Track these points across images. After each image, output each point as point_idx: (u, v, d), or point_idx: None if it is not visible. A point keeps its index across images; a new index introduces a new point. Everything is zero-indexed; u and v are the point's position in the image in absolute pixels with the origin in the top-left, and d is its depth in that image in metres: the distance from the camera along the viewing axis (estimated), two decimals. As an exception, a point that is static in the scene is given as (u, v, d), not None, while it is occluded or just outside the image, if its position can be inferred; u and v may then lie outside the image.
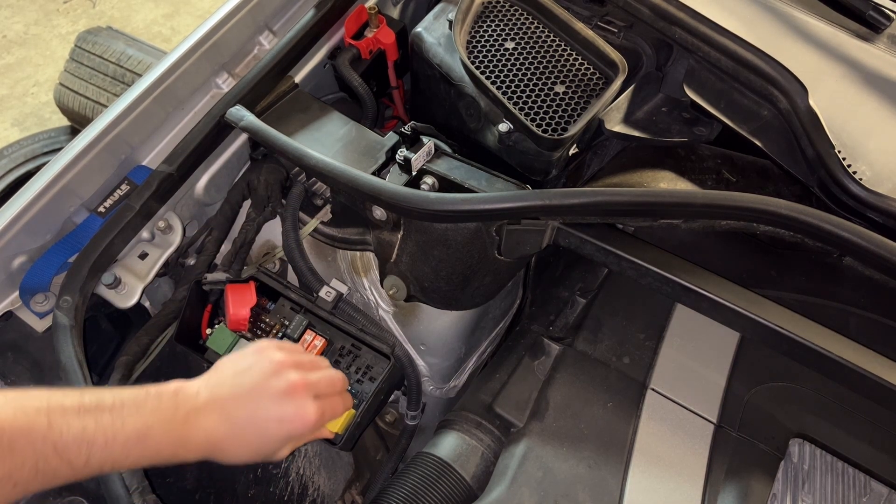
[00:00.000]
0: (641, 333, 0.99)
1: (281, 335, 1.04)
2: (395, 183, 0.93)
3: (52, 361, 0.89)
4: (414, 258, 0.98)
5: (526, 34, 1.02)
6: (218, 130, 1.04)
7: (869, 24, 1.08)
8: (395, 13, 1.31)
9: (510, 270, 1.02)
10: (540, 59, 0.99)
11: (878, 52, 1.04)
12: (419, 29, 1.10)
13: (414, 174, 0.95)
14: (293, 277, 1.13)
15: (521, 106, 0.95)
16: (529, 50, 1.00)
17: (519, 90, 0.96)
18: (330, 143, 1.05)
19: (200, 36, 1.06)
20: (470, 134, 1.06)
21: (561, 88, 0.97)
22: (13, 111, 2.86)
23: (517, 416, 0.92)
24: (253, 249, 1.16)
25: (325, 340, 1.03)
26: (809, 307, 0.94)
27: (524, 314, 1.20)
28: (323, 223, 1.08)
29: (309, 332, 1.04)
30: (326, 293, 1.03)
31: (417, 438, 1.22)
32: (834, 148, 0.91)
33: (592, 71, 0.98)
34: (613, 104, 1.02)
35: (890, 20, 1.08)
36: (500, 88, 0.96)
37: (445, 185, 0.94)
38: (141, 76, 1.09)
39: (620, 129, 1.01)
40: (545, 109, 0.95)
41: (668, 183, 1.01)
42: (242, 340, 1.03)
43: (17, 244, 0.94)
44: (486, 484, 0.88)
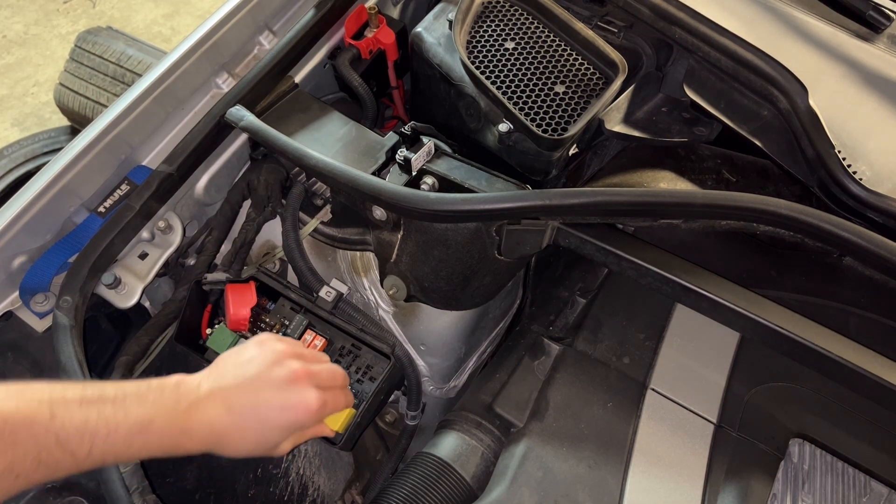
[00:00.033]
0: (641, 333, 0.99)
1: (281, 335, 1.04)
2: (395, 183, 0.93)
3: (52, 361, 0.89)
4: (414, 258, 0.98)
5: (526, 34, 1.02)
6: (218, 130, 1.04)
7: (869, 24, 1.08)
8: (395, 13, 1.31)
9: (510, 270, 1.02)
10: (540, 59, 0.99)
11: (878, 52, 1.04)
12: (419, 29, 1.10)
13: (414, 174, 0.95)
14: (293, 277, 1.13)
15: (521, 106, 0.95)
16: (529, 50, 1.00)
17: (519, 90, 0.96)
18: (330, 143, 1.05)
19: (200, 36, 1.06)
20: (470, 134, 1.06)
21: (561, 88, 0.97)
22: (13, 111, 2.86)
23: (517, 416, 0.92)
24: (253, 249, 1.16)
25: (325, 340, 1.03)
26: (809, 307, 0.94)
27: (524, 314, 1.20)
28: (323, 223, 1.08)
29: (309, 331, 1.04)
30: (326, 293, 1.03)
31: (417, 438, 1.22)
32: (834, 148, 0.91)
33: (592, 71, 0.99)
34: (613, 104, 1.02)
35: (890, 20, 1.08)
36: (500, 88, 0.96)
37: (445, 185, 0.94)
38: (141, 76, 1.09)
39: (620, 129, 1.01)
40: (545, 109, 0.95)
41: (668, 183, 1.01)
42: (242, 340, 1.03)
43: (17, 244, 0.94)
44: (486, 484, 0.88)
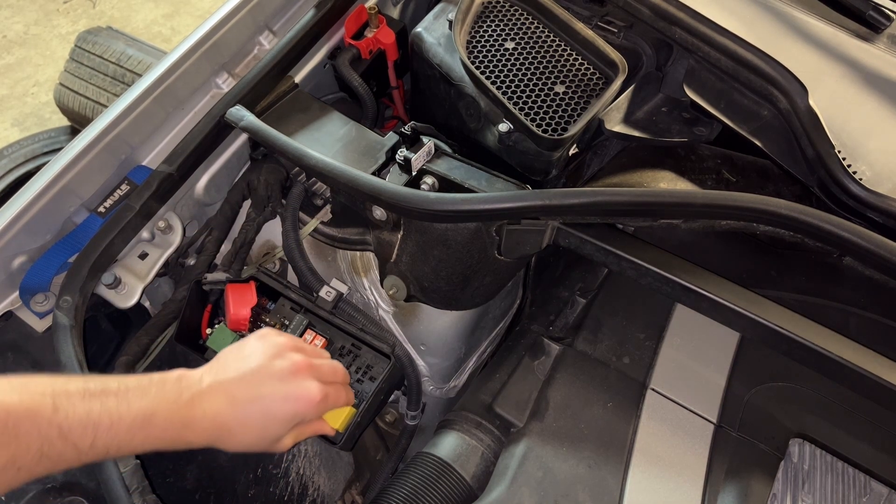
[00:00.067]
0: (641, 333, 0.99)
1: None
2: (395, 183, 0.93)
3: (52, 361, 0.89)
4: (414, 258, 0.98)
5: (526, 34, 1.02)
6: (218, 130, 1.04)
7: (869, 24, 1.07)
8: (395, 13, 1.31)
9: (510, 270, 1.02)
10: (540, 59, 0.99)
11: (878, 52, 1.04)
12: (419, 29, 1.10)
13: (414, 174, 0.95)
14: (293, 277, 1.13)
15: (521, 106, 0.95)
16: (529, 50, 1.00)
17: (519, 90, 0.96)
18: (330, 143, 1.05)
19: (200, 36, 1.06)
20: (470, 134, 1.06)
21: (561, 88, 0.97)
22: (13, 111, 2.86)
23: (517, 416, 0.92)
24: (253, 249, 1.16)
25: (325, 340, 1.03)
26: (809, 307, 0.94)
27: (524, 314, 1.20)
28: (323, 223, 1.08)
29: (309, 331, 1.04)
30: (326, 293, 1.03)
31: (417, 438, 1.22)
32: (834, 148, 0.91)
33: (592, 71, 0.98)
34: (613, 104, 1.01)
35: (890, 20, 1.08)
36: (500, 88, 0.96)
37: (445, 185, 0.94)
38: (141, 76, 1.09)
39: (620, 129, 1.01)
40: (545, 109, 0.95)
41: (668, 183, 1.01)
42: (242, 340, 1.03)
43: (17, 244, 0.94)
44: (486, 484, 0.88)
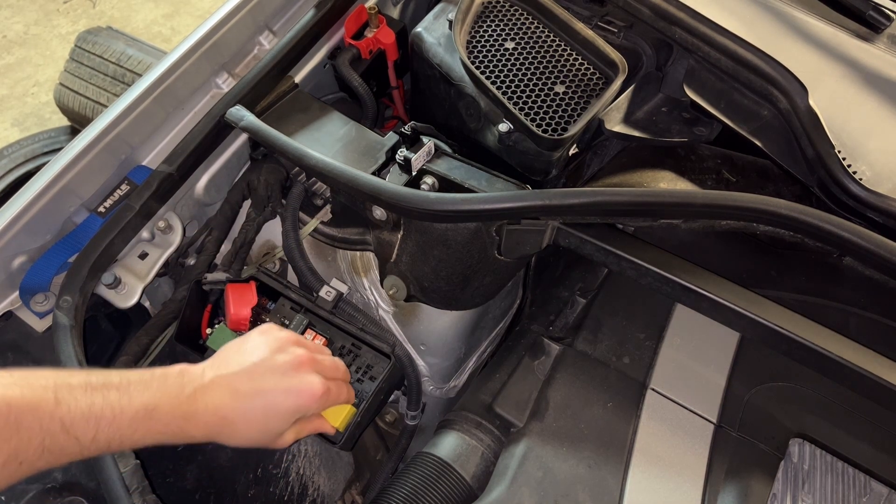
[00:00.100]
0: (641, 333, 0.99)
1: None
2: (395, 183, 0.93)
3: (52, 361, 0.89)
4: (414, 258, 0.98)
5: (526, 34, 1.02)
6: (218, 130, 1.04)
7: (869, 24, 1.07)
8: (395, 13, 1.31)
9: (510, 270, 1.02)
10: (540, 59, 0.99)
11: (878, 52, 1.04)
12: (419, 29, 1.10)
13: (414, 174, 0.95)
14: (293, 277, 1.13)
15: (521, 106, 0.95)
16: (529, 50, 1.00)
17: (519, 90, 0.96)
18: (330, 143, 1.05)
19: (200, 36, 1.06)
20: (470, 134, 1.06)
21: (561, 88, 0.97)
22: (13, 111, 2.86)
23: (517, 416, 0.92)
24: (253, 249, 1.16)
25: (325, 339, 1.03)
26: (809, 307, 0.94)
27: (524, 314, 1.20)
28: (323, 223, 1.08)
29: (309, 331, 1.04)
30: (326, 293, 1.03)
31: (417, 438, 1.22)
32: (834, 148, 0.91)
33: (592, 71, 0.98)
34: (613, 104, 1.01)
35: (890, 20, 1.08)
36: (500, 88, 0.96)
37: (445, 185, 0.94)
38: (141, 76, 1.09)
39: (620, 129, 1.01)
40: (545, 109, 0.95)
41: (668, 183, 1.01)
42: (242, 340, 1.03)
43: (17, 244, 0.94)
44: (486, 484, 0.88)
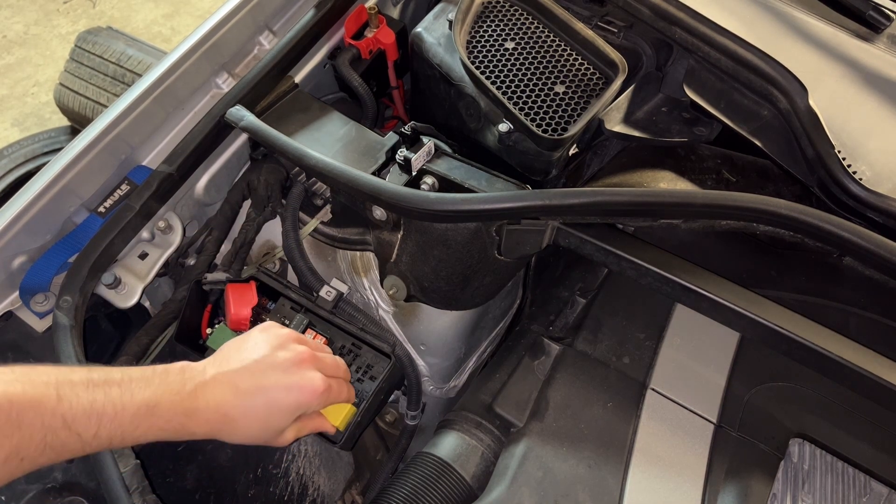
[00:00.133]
0: (641, 333, 0.99)
1: None
2: (395, 183, 0.93)
3: (52, 361, 0.89)
4: (414, 258, 0.98)
5: (526, 34, 1.02)
6: (218, 130, 1.04)
7: (869, 24, 1.07)
8: (395, 13, 1.31)
9: (510, 270, 1.02)
10: (540, 59, 0.99)
11: (878, 52, 1.04)
12: (419, 29, 1.10)
13: (414, 174, 0.95)
14: (293, 277, 1.14)
15: (521, 106, 0.95)
16: (529, 50, 1.00)
17: (519, 90, 0.96)
18: (330, 143, 1.05)
19: (200, 36, 1.06)
20: (470, 134, 1.06)
21: (561, 88, 0.97)
22: (13, 111, 2.86)
23: (517, 416, 0.92)
24: (253, 249, 1.16)
25: (325, 339, 1.03)
26: (809, 307, 0.94)
27: (524, 314, 1.20)
28: (323, 223, 1.08)
29: (309, 331, 1.04)
30: (327, 293, 1.03)
31: (417, 438, 1.22)
32: (834, 148, 0.91)
33: (592, 71, 0.98)
34: (613, 104, 1.01)
35: (890, 20, 1.08)
36: (500, 88, 0.96)
37: (445, 185, 0.94)
38: (141, 76, 1.09)
39: (620, 129, 1.01)
40: (545, 109, 0.95)
41: (668, 183, 1.01)
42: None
43: (17, 244, 0.94)
44: (486, 484, 0.88)
